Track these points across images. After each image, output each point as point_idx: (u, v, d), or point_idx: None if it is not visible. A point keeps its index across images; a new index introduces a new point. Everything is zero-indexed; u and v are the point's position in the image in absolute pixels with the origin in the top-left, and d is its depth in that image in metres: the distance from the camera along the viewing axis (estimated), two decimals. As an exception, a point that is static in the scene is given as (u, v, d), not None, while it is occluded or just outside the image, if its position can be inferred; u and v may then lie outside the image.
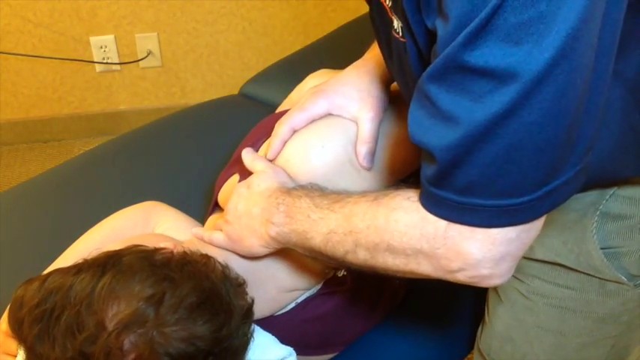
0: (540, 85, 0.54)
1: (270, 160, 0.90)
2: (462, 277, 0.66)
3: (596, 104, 0.59)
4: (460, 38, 0.54)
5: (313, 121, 0.90)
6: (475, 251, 0.63)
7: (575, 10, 0.52)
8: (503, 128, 0.56)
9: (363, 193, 0.75)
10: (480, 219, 0.62)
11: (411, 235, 0.67)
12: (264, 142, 0.96)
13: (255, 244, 0.84)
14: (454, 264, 0.65)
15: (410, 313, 1.08)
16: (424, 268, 0.68)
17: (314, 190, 0.80)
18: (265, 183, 0.84)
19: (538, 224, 0.64)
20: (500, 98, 0.55)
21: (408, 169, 0.92)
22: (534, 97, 0.54)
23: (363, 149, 0.87)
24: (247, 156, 0.91)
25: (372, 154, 0.87)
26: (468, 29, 0.54)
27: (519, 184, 0.59)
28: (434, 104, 0.59)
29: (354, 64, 0.95)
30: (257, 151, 0.95)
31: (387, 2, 0.71)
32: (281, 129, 0.89)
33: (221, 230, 0.88)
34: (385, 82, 0.92)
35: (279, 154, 0.89)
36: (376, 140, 0.88)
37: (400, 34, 0.68)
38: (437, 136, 0.60)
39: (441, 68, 0.57)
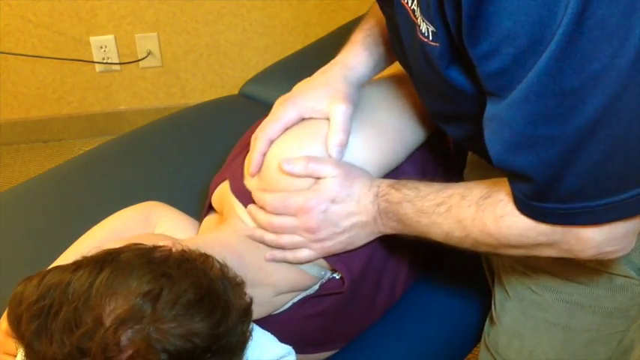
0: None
1: (253, 174, 0.90)
2: (586, 256, 0.70)
3: None
4: (542, 64, 0.55)
5: (287, 128, 0.90)
6: (596, 235, 0.66)
7: None
8: (596, 135, 0.58)
9: (454, 191, 0.77)
10: (593, 217, 0.64)
11: (527, 235, 0.70)
12: None
13: (370, 239, 0.89)
14: (576, 247, 0.69)
15: (414, 308, 1.08)
16: (547, 253, 0.72)
17: (400, 190, 0.82)
18: (351, 189, 0.85)
19: None
20: (586, 109, 0.56)
21: (392, 160, 0.93)
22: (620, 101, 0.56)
23: (334, 139, 0.87)
24: (299, 164, 0.86)
25: (343, 145, 0.87)
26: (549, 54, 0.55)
27: (624, 180, 0.61)
28: (516, 130, 0.60)
29: (321, 69, 0.96)
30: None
31: (410, 5, 0.71)
32: (258, 142, 0.90)
33: (298, 247, 0.88)
34: (353, 83, 0.93)
35: (261, 166, 0.90)
36: (348, 131, 0.88)
37: (430, 38, 0.69)
38: (528, 158, 0.61)
39: (522, 98, 0.58)
